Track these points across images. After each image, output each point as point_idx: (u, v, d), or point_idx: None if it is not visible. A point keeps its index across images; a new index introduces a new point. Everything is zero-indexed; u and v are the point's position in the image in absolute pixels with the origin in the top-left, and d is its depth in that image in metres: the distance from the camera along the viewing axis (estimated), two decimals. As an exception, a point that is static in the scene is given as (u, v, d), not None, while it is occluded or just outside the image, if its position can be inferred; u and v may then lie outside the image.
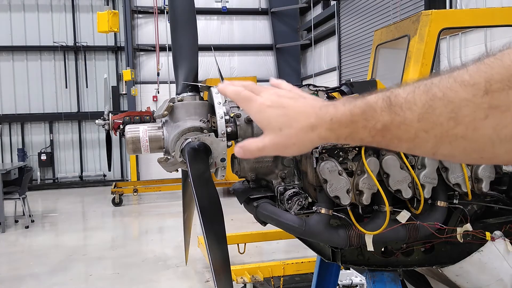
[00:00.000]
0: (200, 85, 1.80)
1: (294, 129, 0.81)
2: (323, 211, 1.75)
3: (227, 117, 1.72)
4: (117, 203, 11.46)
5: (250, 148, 0.88)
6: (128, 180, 15.12)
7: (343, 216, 1.79)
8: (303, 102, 0.83)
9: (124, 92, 15.63)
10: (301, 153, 0.86)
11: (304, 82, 16.01)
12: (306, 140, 0.81)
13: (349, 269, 4.15)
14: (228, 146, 1.71)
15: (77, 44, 15.40)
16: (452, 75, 0.63)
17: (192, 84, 1.77)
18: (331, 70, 14.40)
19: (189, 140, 1.65)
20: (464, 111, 0.61)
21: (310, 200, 1.80)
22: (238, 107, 1.82)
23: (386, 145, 0.72)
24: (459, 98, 0.61)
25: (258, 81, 13.13)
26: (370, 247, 1.79)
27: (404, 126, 0.67)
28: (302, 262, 5.03)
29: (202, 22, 15.83)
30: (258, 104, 0.87)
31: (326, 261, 2.00)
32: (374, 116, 0.70)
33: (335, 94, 2.02)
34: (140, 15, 16.08)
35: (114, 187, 11.98)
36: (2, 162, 14.78)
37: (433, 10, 4.34)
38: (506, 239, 1.90)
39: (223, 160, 1.68)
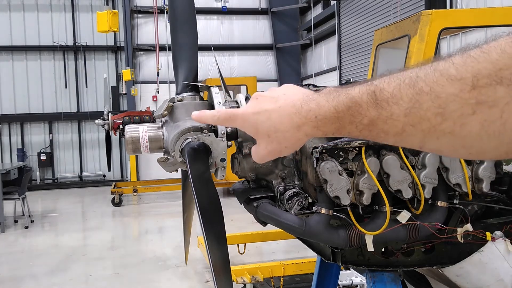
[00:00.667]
0: (200, 85, 1.80)
1: (281, 132, 0.82)
2: (323, 211, 1.75)
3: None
4: (117, 203, 11.45)
5: (256, 159, 0.92)
6: (127, 180, 15.12)
7: (343, 216, 1.78)
8: (284, 101, 0.83)
9: (123, 92, 15.62)
10: (294, 151, 0.89)
11: (304, 82, 16.01)
12: (294, 140, 0.82)
13: (349, 269, 4.15)
14: (228, 146, 1.70)
15: (76, 44, 15.40)
16: (437, 69, 0.62)
17: (192, 84, 1.76)
18: (331, 70, 14.40)
19: (189, 140, 1.64)
20: (452, 106, 0.60)
21: (310, 200, 1.80)
22: (238, 107, 1.82)
23: (373, 138, 0.72)
24: (446, 93, 0.60)
25: (258, 81, 13.13)
26: (370, 247, 1.78)
27: (391, 120, 0.66)
28: (302, 262, 5.03)
29: (202, 22, 15.83)
30: (241, 115, 0.88)
31: (326, 261, 2.00)
32: (360, 111, 0.70)
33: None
34: (140, 15, 16.07)
35: (114, 187, 11.98)
36: (2, 162, 14.78)
37: (433, 10, 4.34)
38: (506, 239, 1.90)
39: (223, 160, 1.68)
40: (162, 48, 15.13)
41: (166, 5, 14.20)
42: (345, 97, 0.73)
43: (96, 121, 9.75)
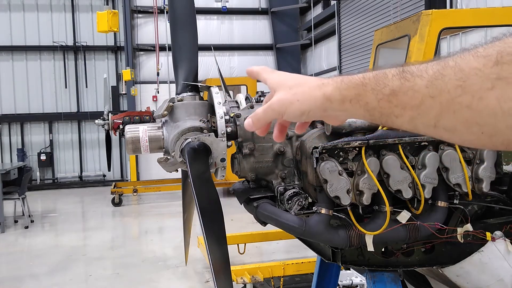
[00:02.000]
0: (200, 85, 1.80)
1: (304, 87, 0.83)
2: (323, 211, 1.75)
3: (227, 117, 1.72)
4: (117, 203, 11.45)
5: (257, 112, 0.89)
6: (127, 180, 15.11)
7: (343, 216, 1.79)
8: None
9: (123, 92, 15.62)
10: (302, 113, 0.83)
11: (304, 82, 15.97)
12: (310, 97, 0.81)
13: (349, 269, 4.15)
14: (228, 146, 1.71)
15: (76, 44, 15.39)
16: (465, 49, 0.65)
17: (192, 84, 1.77)
18: (331, 70, 14.39)
19: (189, 140, 1.64)
20: (473, 79, 0.62)
21: (310, 200, 1.80)
22: (238, 107, 1.82)
23: (388, 114, 0.72)
24: (469, 67, 0.62)
25: (258, 81, 13.09)
26: (370, 247, 1.78)
27: (412, 91, 0.68)
28: (302, 262, 5.03)
29: (202, 22, 15.82)
30: (278, 73, 0.91)
31: (326, 261, 2.00)
32: (384, 81, 0.72)
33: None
34: (140, 15, 16.07)
35: (114, 187, 11.97)
36: (2, 162, 14.77)
37: (433, 9, 4.34)
38: (506, 239, 1.90)
39: (223, 160, 1.68)
40: (162, 48, 15.13)
41: (166, 5, 14.19)
42: (375, 70, 0.76)
43: (96, 121, 9.75)
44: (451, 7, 8.25)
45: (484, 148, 0.70)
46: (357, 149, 1.77)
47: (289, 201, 1.75)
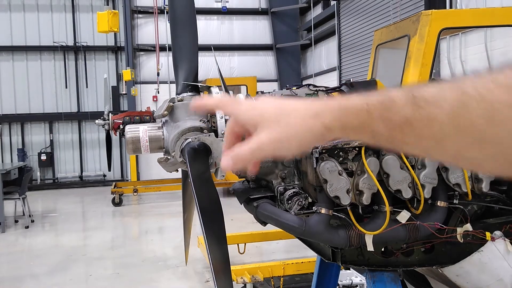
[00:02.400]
0: (200, 85, 1.80)
1: (294, 118, 0.69)
2: (323, 211, 1.75)
3: (227, 117, 1.72)
4: (117, 203, 11.46)
5: (241, 153, 0.73)
6: (128, 180, 15.12)
7: (343, 216, 1.79)
8: (298, 100, 0.73)
9: (124, 92, 15.63)
10: (302, 149, 0.71)
11: (304, 82, 16.01)
12: (307, 130, 0.69)
13: (349, 269, 4.15)
14: (228, 146, 1.71)
15: (77, 44, 15.40)
16: (482, 76, 0.59)
17: (192, 84, 1.77)
18: (331, 70, 14.40)
19: (189, 140, 1.65)
20: (502, 112, 0.56)
21: (310, 200, 1.80)
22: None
23: (399, 142, 0.64)
24: (496, 99, 0.56)
25: (258, 81, 13.14)
26: (370, 247, 1.79)
27: (430, 121, 0.60)
28: (302, 262, 5.03)
29: (202, 22, 15.83)
30: (248, 103, 0.75)
31: (326, 261, 2.00)
32: (394, 108, 0.62)
33: (335, 94, 2.02)
34: (140, 15, 16.08)
35: (114, 187, 11.97)
36: (2, 162, 14.78)
37: (433, 10, 4.34)
38: (506, 239, 1.90)
39: (223, 160, 1.68)
40: (162, 48, 15.13)
41: (166, 5, 14.19)
42: (378, 94, 0.66)
43: (97, 121, 9.75)
44: (451, 7, 8.25)
45: (501, 175, 0.64)
46: (357, 149, 1.77)
47: (289, 201, 1.76)
